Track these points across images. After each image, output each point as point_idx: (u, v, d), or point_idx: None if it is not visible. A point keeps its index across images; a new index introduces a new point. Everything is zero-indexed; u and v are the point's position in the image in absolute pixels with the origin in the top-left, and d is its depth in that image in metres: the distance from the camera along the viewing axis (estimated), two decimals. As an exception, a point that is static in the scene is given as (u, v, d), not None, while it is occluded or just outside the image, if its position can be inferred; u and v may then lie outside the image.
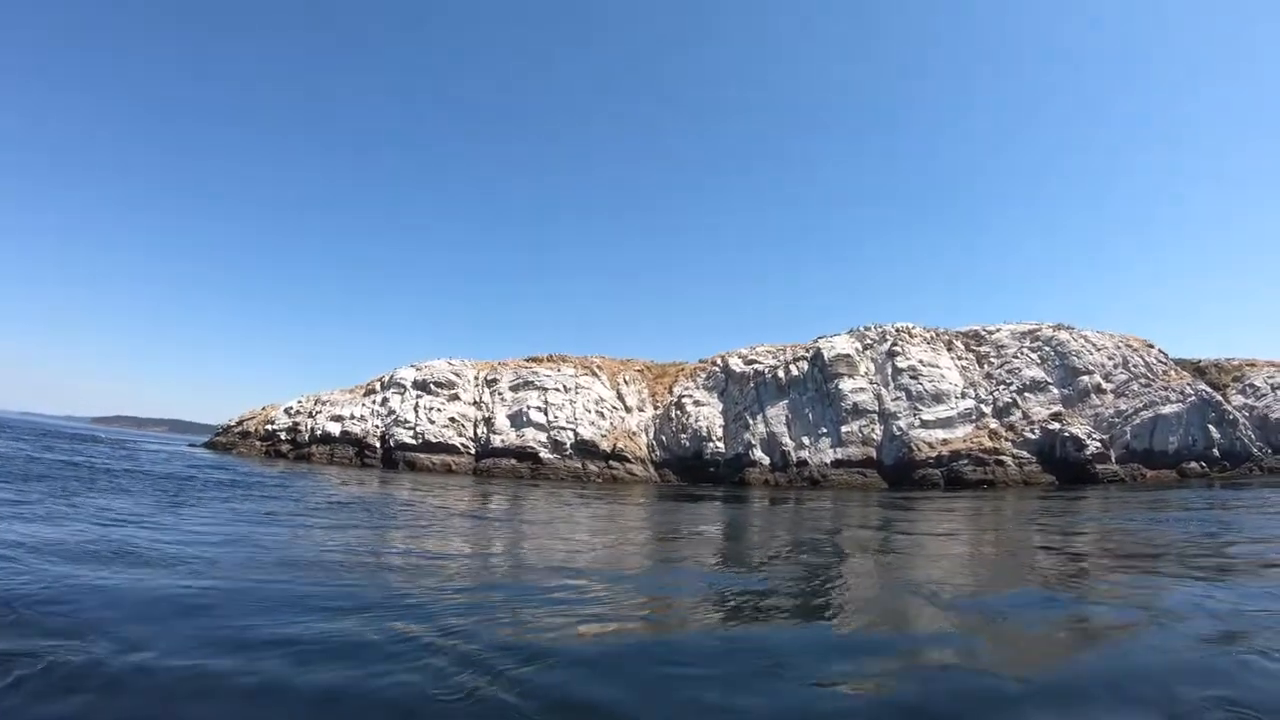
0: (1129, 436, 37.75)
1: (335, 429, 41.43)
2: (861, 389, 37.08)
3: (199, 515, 11.61)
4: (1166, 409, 38.03)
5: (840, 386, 36.91)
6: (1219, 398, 39.19)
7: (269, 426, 43.81)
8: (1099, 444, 36.88)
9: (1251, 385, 40.33)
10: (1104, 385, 38.64)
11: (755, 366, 38.76)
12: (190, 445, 50.35)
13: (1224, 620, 5.77)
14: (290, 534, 10.23)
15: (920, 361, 37.73)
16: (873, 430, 36.68)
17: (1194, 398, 38.36)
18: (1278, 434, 39.08)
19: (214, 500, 14.39)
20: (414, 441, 39.49)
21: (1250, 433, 38.86)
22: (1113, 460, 37.10)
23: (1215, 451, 38.04)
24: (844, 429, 36.42)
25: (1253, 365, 41.84)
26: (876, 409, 36.98)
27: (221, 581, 6.34)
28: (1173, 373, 39.85)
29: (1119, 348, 39.81)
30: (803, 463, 36.30)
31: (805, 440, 36.69)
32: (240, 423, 46.31)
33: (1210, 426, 38.32)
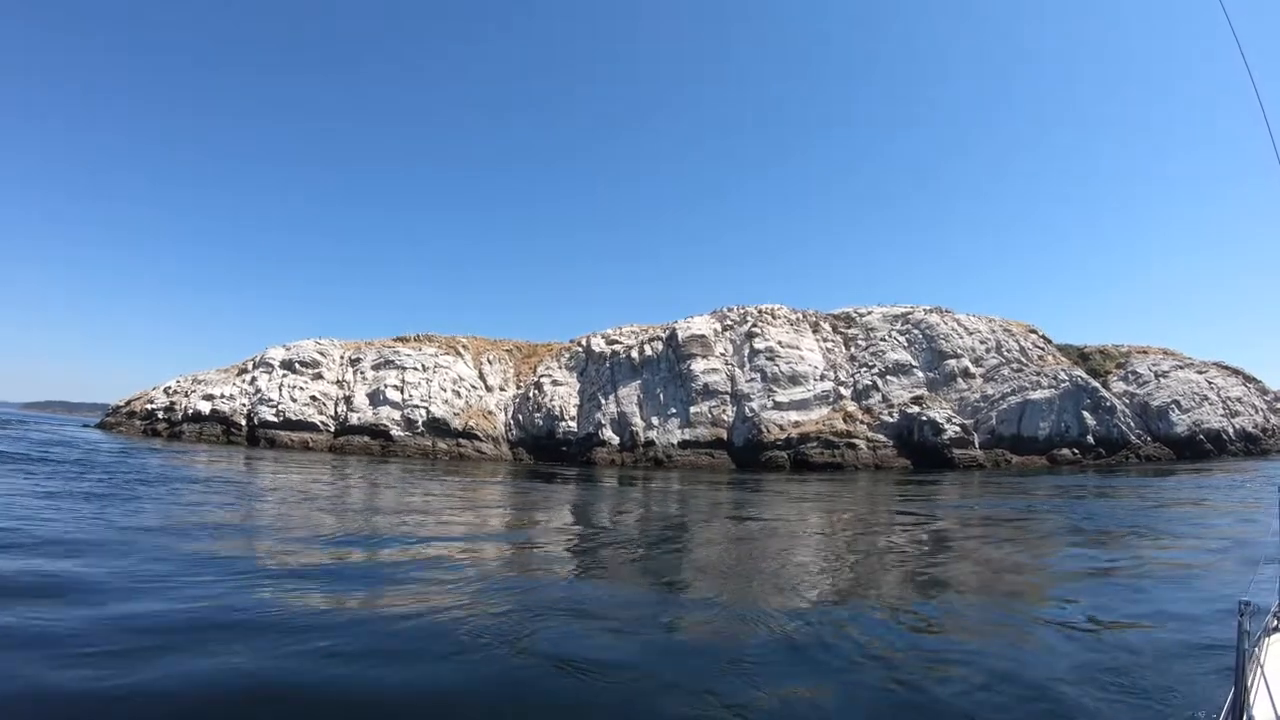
0: (995, 421, 36.35)
1: (206, 408, 41.52)
2: (714, 369, 36.25)
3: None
4: (1036, 394, 36.60)
5: (692, 367, 36.13)
6: (1095, 384, 37.65)
7: (149, 406, 44.06)
8: (959, 428, 35.56)
9: (1134, 372, 38.79)
10: (973, 369, 37.38)
11: (615, 347, 38.13)
12: (84, 426, 50.78)
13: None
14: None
15: (779, 343, 36.82)
16: (724, 411, 35.79)
17: (1068, 383, 36.88)
18: (1158, 421, 37.45)
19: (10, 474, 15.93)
20: (276, 419, 39.40)
21: (1129, 420, 37.27)
22: (976, 445, 35.71)
23: (1090, 438, 36.45)
24: (693, 409, 35.59)
25: (1143, 352, 40.27)
26: (729, 390, 36.10)
27: None
28: (1050, 358, 38.46)
29: (994, 332, 38.55)
30: (650, 443, 35.51)
31: (655, 420, 35.91)
32: (128, 403, 46.69)
33: (1085, 413, 36.76)
